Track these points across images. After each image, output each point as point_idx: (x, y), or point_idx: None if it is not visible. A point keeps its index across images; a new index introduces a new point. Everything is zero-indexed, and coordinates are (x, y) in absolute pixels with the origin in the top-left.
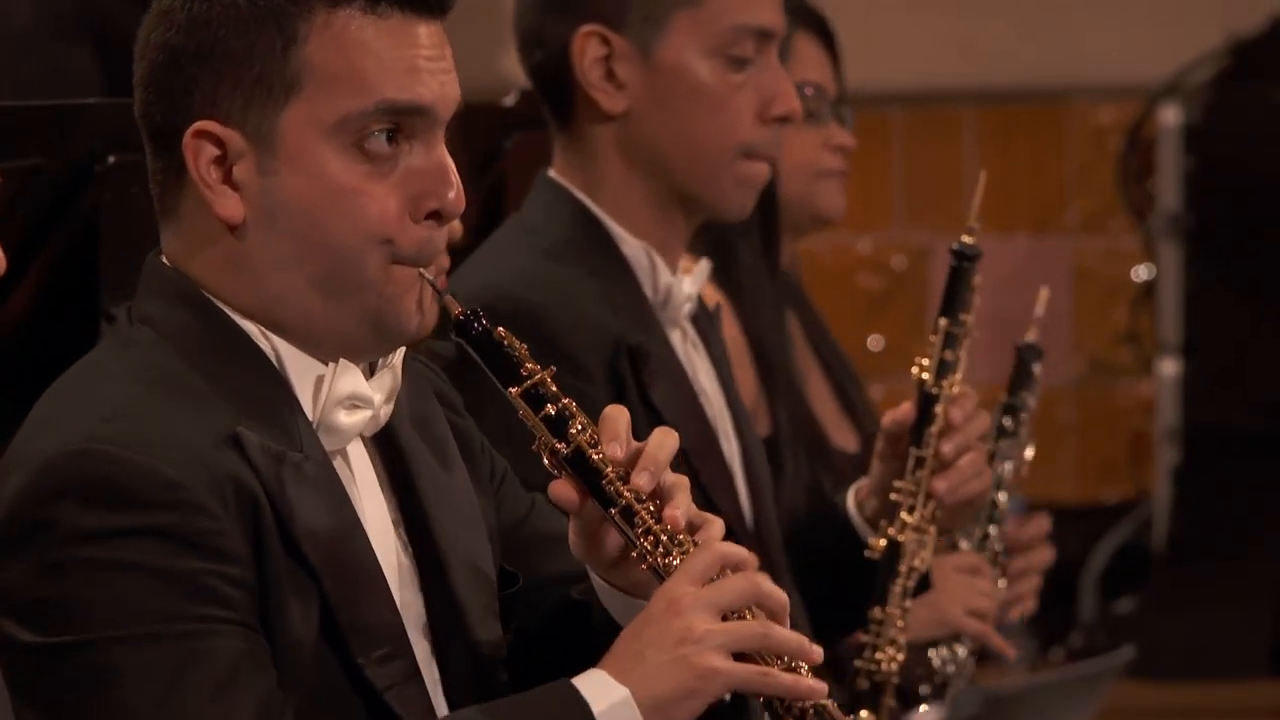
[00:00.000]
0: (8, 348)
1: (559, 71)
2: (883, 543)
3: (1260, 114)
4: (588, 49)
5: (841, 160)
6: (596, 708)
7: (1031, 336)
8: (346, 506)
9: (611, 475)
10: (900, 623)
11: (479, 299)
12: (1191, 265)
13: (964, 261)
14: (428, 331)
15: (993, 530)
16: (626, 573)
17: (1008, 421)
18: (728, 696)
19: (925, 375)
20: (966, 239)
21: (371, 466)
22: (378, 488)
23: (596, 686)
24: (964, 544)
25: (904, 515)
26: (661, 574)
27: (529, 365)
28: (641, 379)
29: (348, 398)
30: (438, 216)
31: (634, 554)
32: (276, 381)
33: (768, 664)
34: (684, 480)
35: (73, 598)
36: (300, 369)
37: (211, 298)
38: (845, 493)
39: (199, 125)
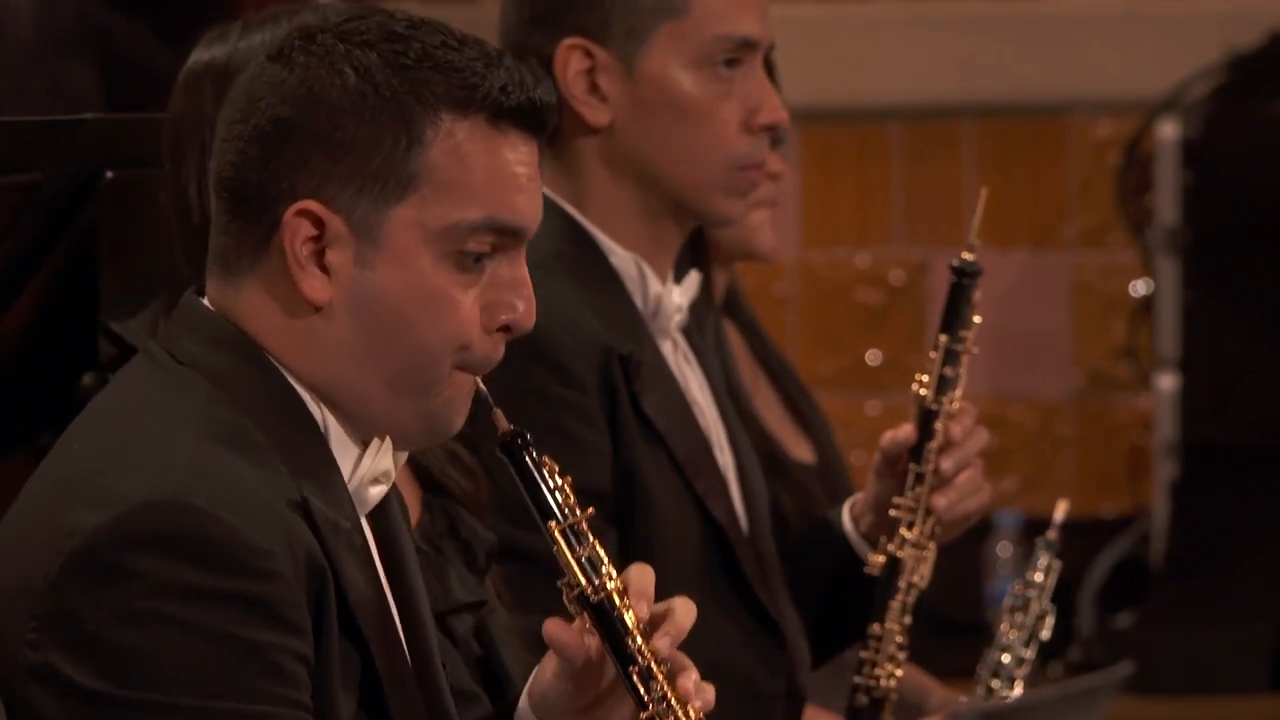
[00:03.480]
0: (7, 362)
1: None
2: (882, 559)
3: (1259, 129)
4: (570, 62)
5: (773, 189)
6: None
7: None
8: (379, 579)
9: (636, 633)
10: (899, 639)
11: None
12: (1190, 280)
13: (964, 278)
14: None
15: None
16: None
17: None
18: None
19: (925, 391)
20: (967, 255)
21: (371, 537)
22: (375, 559)
23: None
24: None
25: (903, 531)
26: None
27: (569, 502)
28: (633, 389)
29: (382, 474)
30: (507, 330)
31: (643, 715)
32: (323, 446)
33: None
34: (686, 658)
35: (146, 652)
36: (340, 441)
37: (268, 355)
38: (840, 508)
39: (303, 205)
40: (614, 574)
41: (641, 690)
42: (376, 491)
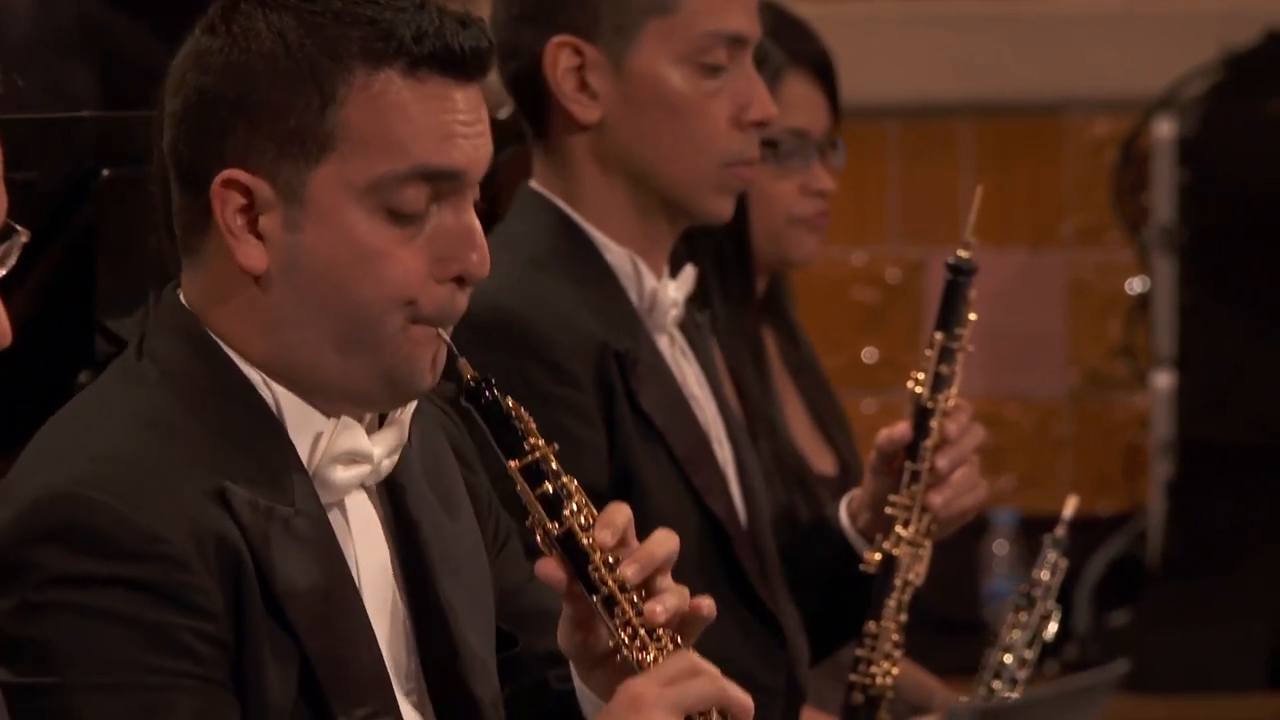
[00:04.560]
0: (3, 360)
1: (533, 82)
2: (878, 557)
3: (1254, 127)
4: (560, 59)
5: (819, 204)
6: None
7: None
8: (337, 562)
9: (598, 561)
10: (895, 637)
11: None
12: (1186, 278)
13: (960, 275)
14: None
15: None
16: (607, 676)
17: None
18: None
19: (920, 389)
20: (963, 253)
21: (376, 514)
22: (380, 537)
23: None
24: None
25: (899, 529)
26: (635, 668)
27: (533, 439)
28: (630, 385)
29: (346, 454)
30: (461, 280)
31: (612, 644)
32: (275, 432)
33: None
34: (683, 590)
35: (44, 640)
36: (300, 421)
37: (219, 342)
38: (837, 506)
39: (228, 174)
40: (585, 508)
41: (605, 618)
42: (349, 474)
